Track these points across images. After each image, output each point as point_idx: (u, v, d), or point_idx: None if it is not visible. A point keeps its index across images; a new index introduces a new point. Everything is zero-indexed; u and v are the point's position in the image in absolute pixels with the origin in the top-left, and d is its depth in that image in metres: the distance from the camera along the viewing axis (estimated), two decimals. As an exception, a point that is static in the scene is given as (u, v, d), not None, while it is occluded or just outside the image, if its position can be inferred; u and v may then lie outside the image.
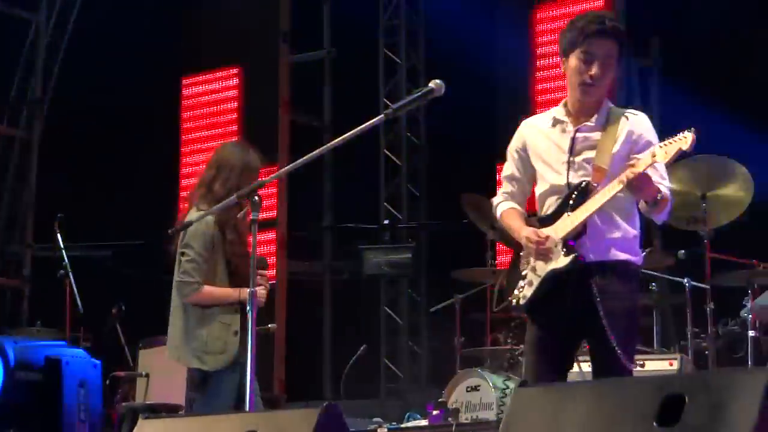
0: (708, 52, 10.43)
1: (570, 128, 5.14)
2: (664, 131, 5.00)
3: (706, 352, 8.00)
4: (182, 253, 6.02)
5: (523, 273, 5.16)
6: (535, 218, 5.24)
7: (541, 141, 5.21)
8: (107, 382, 8.91)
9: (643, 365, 7.55)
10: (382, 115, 5.34)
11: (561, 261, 5.01)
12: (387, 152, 13.14)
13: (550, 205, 5.16)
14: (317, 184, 13.38)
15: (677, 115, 9.85)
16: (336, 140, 5.32)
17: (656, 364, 7.61)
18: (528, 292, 5.11)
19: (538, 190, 5.25)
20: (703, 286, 8.10)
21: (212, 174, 6.15)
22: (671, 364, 7.57)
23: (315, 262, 13.49)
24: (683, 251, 8.47)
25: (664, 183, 5.05)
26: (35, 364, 7.46)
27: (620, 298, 5.02)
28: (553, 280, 5.04)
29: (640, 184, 4.89)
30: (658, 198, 4.95)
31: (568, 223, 5.02)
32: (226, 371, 6.12)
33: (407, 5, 13.27)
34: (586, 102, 5.13)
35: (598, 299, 4.94)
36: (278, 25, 12.50)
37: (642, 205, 5.04)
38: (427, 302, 12.34)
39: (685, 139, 4.84)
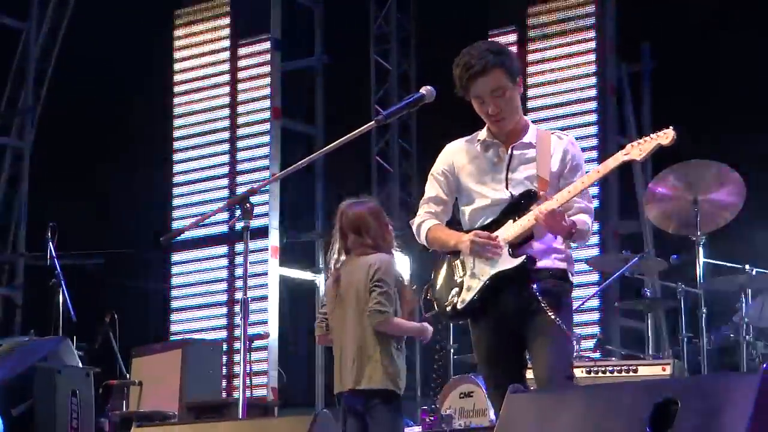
0: (699, 56, 10.43)
1: (503, 148, 5.20)
2: (656, 136, 4.99)
3: (699, 357, 7.99)
4: (376, 286, 6.36)
5: (458, 280, 5.17)
6: (465, 231, 5.22)
7: (474, 162, 5.26)
8: (100, 390, 8.88)
9: (636, 370, 7.55)
10: (373, 122, 5.35)
11: (509, 262, 5.04)
12: (378, 159, 13.13)
13: (488, 218, 5.18)
14: (309, 190, 13.36)
15: (668, 120, 9.84)
16: (327, 147, 5.33)
17: (649, 370, 7.59)
18: (467, 296, 5.12)
19: (471, 207, 5.24)
20: (695, 291, 8.10)
21: (376, 225, 6.66)
22: (664, 370, 7.55)
23: (308, 269, 13.47)
24: (675, 256, 8.48)
25: (583, 214, 5.10)
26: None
27: (559, 295, 5.08)
28: (498, 282, 5.06)
29: (549, 223, 4.94)
30: (573, 232, 5.01)
31: (517, 227, 5.06)
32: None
33: (398, 12, 13.28)
34: (503, 130, 5.19)
35: (539, 297, 4.99)
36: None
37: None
38: (420, 309, 12.32)
39: (665, 135, 4.90)
